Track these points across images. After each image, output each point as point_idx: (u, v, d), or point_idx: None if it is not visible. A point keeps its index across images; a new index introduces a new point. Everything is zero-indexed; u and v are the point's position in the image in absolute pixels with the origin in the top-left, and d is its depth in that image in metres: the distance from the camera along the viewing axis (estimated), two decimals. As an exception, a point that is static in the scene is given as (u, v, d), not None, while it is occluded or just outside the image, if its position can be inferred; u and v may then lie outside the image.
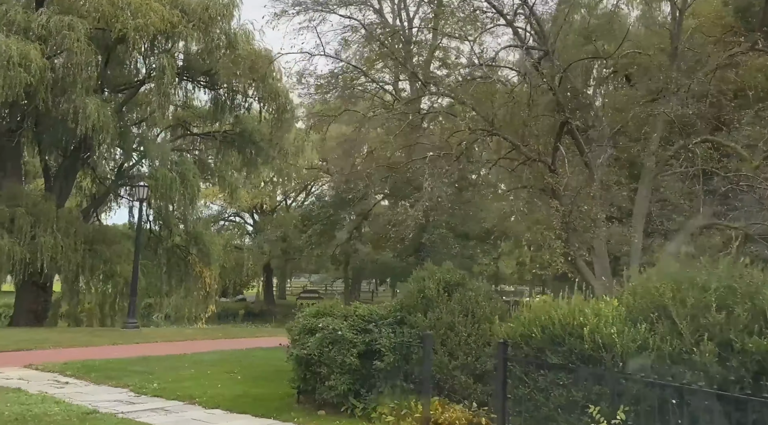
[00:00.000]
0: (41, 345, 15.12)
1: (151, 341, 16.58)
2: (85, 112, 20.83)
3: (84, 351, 14.30)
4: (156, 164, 23.90)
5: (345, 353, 7.74)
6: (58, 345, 15.08)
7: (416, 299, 8.03)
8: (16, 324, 23.28)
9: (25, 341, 15.70)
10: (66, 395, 8.89)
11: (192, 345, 15.99)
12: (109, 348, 14.94)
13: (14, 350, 14.14)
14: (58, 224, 22.23)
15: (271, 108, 26.71)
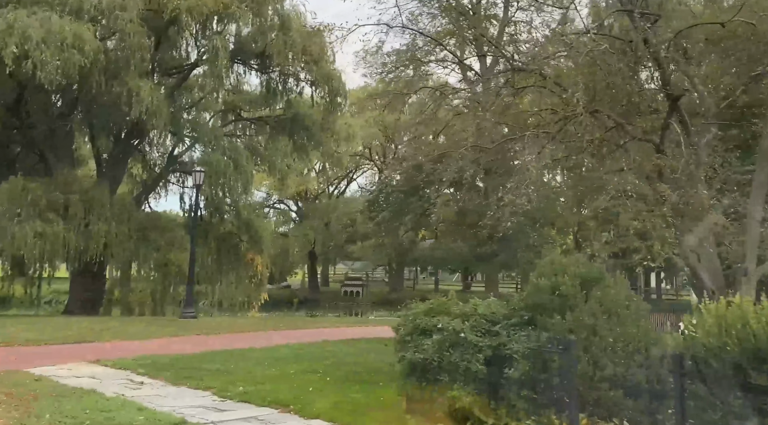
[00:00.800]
0: (101, 336, 14.39)
1: (212, 333, 15.74)
2: (139, 95, 20.04)
3: (147, 344, 13.50)
4: (209, 149, 23.04)
5: (469, 358, 6.63)
6: (119, 337, 14.33)
7: (548, 297, 6.83)
8: (70, 312, 22.81)
9: (85, 331, 15.02)
10: (145, 399, 7.98)
11: (257, 337, 15.08)
12: (172, 340, 14.12)
13: (76, 341, 13.42)
14: (111, 211, 21.61)
15: (323, 91, 25.65)
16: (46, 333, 14.35)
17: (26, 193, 19.95)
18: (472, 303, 7.50)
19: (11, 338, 13.27)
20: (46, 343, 13.02)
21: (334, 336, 15.53)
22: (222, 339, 14.69)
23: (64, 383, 8.85)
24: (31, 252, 19.26)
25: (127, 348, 12.64)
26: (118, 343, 13.46)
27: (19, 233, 18.96)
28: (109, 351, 11.96)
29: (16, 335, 13.78)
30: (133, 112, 20.02)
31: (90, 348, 12.59)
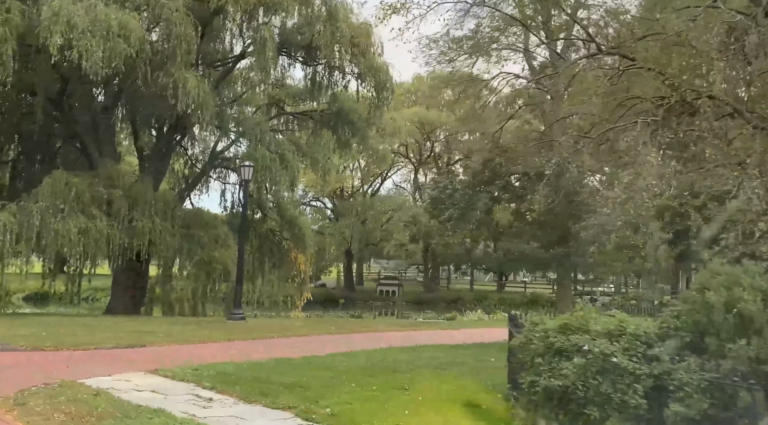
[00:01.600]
0: (152, 339, 13.41)
1: (267, 336, 14.69)
2: (185, 87, 19.12)
3: (202, 349, 12.49)
4: (254, 144, 22.02)
5: (624, 389, 5.40)
6: (171, 340, 13.33)
7: (720, 316, 5.53)
8: (113, 311, 22.05)
9: (134, 334, 14.07)
10: (219, 421, 6.89)
11: (315, 342, 14.00)
12: (227, 345, 13.08)
13: (127, 345, 12.45)
14: (155, 207, 20.74)
15: (368, 85, 24.50)
16: (95, 335, 13.43)
17: (69, 187, 19.14)
18: (615, 320, 6.22)
19: (60, 341, 12.35)
20: (96, 347, 12.06)
21: (399, 341, 14.35)
22: (278, 343, 13.63)
23: (125, 398, 7.81)
24: (75, 248, 18.45)
25: (183, 353, 11.62)
26: (171, 348, 12.46)
27: (62, 229, 18.14)
28: (165, 358, 10.93)
29: (65, 338, 12.87)
30: (179, 104, 19.11)
31: (144, 354, 11.60)
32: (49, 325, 15.15)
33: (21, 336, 12.85)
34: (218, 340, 13.71)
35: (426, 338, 15.12)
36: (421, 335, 16.07)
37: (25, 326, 14.84)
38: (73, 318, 17.94)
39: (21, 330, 13.84)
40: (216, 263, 21.60)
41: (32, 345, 11.90)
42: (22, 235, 17.73)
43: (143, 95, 22.54)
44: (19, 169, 26.01)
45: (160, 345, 12.74)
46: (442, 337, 15.39)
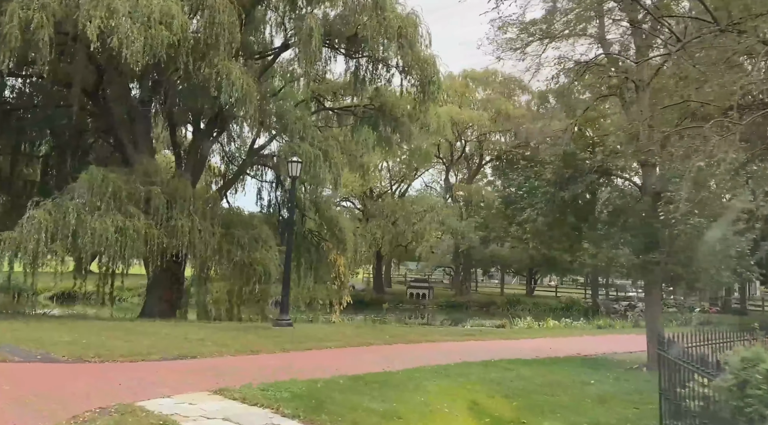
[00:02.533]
0: (200, 348, 12.14)
1: (322, 345, 13.36)
2: (229, 78, 17.86)
3: (260, 361, 11.19)
4: (297, 140, 20.70)
5: None
6: (222, 350, 12.03)
7: None
8: (148, 314, 20.87)
9: (182, 342, 12.80)
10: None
11: (376, 354, 12.65)
12: (285, 358, 11.76)
13: (177, 356, 11.19)
14: (194, 205, 19.51)
15: (414, 78, 23.07)
16: (138, 343, 12.18)
17: (106, 183, 17.96)
18: None
19: (107, 350, 11.10)
20: (144, 359, 10.81)
21: (469, 353, 12.95)
22: (338, 355, 12.28)
23: (197, 429, 6.50)
24: (113, 248, 17.25)
25: (240, 367, 10.32)
26: (225, 361, 11.17)
27: (100, 227, 16.95)
28: (224, 374, 9.62)
29: (107, 346, 11.62)
30: (222, 96, 17.87)
31: (198, 367, 10.31)
32: (87, 331, 13.94)
33: (60, 344, 11.64)
34: (273, 351, 12.39)
35: (495, 350, 13.71)
36: (486, 346, 14.65)
37: (61, 331, 13.64)
38: (109, 323, 16.72)
39: (59, 336, 12.64)
40: (257, 265, 20.31)
41: (74, 356, 10.68)
42: (57, 234, 16.55)
43: (181, 88, 21.44)
44: (50, 164, 25.02)
45: (211, 357, 11.46)
46: (511, 350, 13.97)
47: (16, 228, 16.67)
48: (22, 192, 25.03)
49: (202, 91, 18.98)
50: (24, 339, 12.00)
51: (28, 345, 11.43)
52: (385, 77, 23.48)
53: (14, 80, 21.66)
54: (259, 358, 11.56)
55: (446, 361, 11.61)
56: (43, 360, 10.28)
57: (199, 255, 19.28)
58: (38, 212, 16.52)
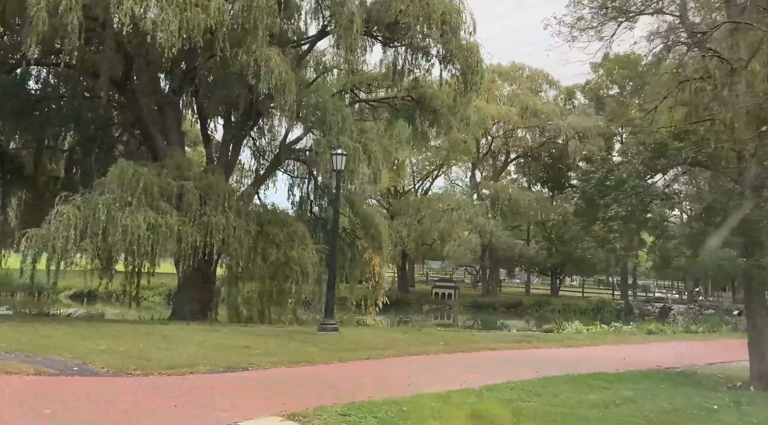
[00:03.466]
0: (249, 358, 10.91)
1: (379, 355, 12.07)
2: (268, 66, 16.63)
3: (320, 373, 9.93)
4: (336, 133, 19.39)
5: None
6: (272, 360, 10.76)
7: None
8: (179, 316, 19.74)
9: (225, 349, 11.59)
10: None
11: (440, 363, 11.34)
12: (346, 369, 10.51)
13: (227, 368, 9.94)
14: (228, 202, 18.31)
15: (455, 68, 21.71)
16: (183, 352, 10.96)
17: (137, 178, 16.79)
18: None
19: (148, 360, 9.88)
20: (192, 371, 9.55)
21: (543, 365, 11.62)
22: (403, 366, 10.99)
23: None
24: (144, 246, 16.07)
25: (302, 382, 9.06)
26: (283, 373, 9.91)
27: (131, 224, 15.77)
28: (287, 389, 8.38)
29: (152, 355, 10.40)
30: (261, 85, 16.66)
31: (255, 381, 9.06)
32: (122, 336, 12.75)
33: (96, 353, 10.43)
34: (329, 361, 11.12)
35: (564, 360, 12.44)
36: (551, 356, 13.39)
37: (94, 337, 12.46)
38: (141, 327, 15.51)
39: (93, 344, 11.46)
40: (293, 264, 19.07)
41: (114, 367, 9.45)
42: (87, 231, 15.38)
43: (214, 77, 20.25)
44: (75, 159, 23.94)
45: (264, 368, 10.20)
46: (582, 360, 12.65)
47: (42, 224, 15.54)
48: (45, 188, 23.99)
49: (238, 79, 17.81)
50: (57, 346, 10.82)
51: (62, 354, 10.24)
52: (424, 67, 22.17)
53: (38, 70, 20.53)
54: (317, 370, 10.30)
55: (522, 375, 10.29)
56: (81, 373, 9.07)
57: (234, 254, 18.04)
58: (67, 208, 15.36)
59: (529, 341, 16.05)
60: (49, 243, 15.05)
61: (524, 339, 16.16)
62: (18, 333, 12.11)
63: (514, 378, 9.96)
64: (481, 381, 9.58)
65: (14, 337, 11.54)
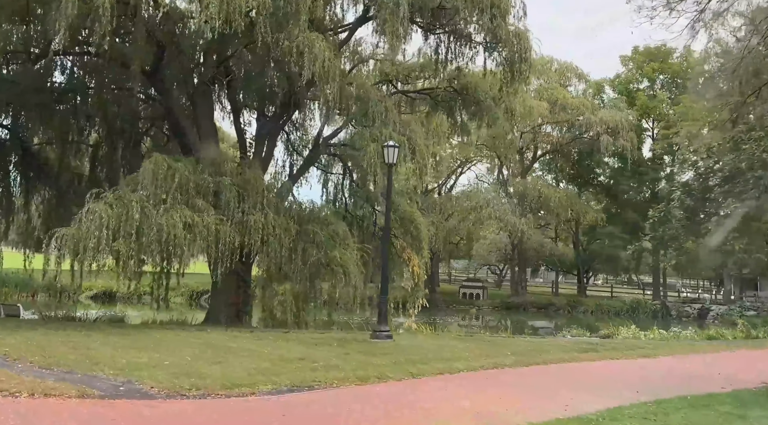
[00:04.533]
0: (314, 373, 9.67)
1: (451, 369, 10.72)
2: (312, 52, 15.34)
3: (399, 391, 8.64)
4: (378, 124, 18.07)
5: None
6: (340, 375, 9.46)
7: None
8: (214, 320, 18.54)
9: (282, 363, 10.32)
10: None
11: (527, 379, 10.02)
12: (424, 387, 9.20)
13: (291, 386, 8.69)
14: (267, 199, 17.08)
15: (501, 56, 20.31)
16: (236, 367, 9.70)
17: (172, 173, 15.59)
18: None
19: (201, 377, 8.63)
20: (252, 390, 8.30)
21: (638, 382, 10.28)
22: (485, 383, 9.69)
23: None
24: (181, 246, 14.87)
25: (382, 405, 7.77)
26: (355, 393, 8.64)
27: (166, 223, 14.56)
28: (374, 417, 7.09)
29: (203, 371, 9.14)
30: (304, 72, 15.37)
31: (332, 406, 7.78)
32: (163, 346, 11.53)
33: (142, 368, 9.20)
34: (400, 377, 9.79)
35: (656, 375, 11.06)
36: (638, 369, 12.01)
37: (133, 346, 11.25)
38: (180, 334, 14.22)
39: (135, 356, 10.24)
40: (335, 265, 17.80)
41: (165, 386, 8.21)
42: (119, 231, 14.17)
43: (248, 68, 19.04)
44: (100, 155, 22.81)
45: (332, 386, 8.94)
46: (674, 375, 11.30)
47: (72, 223, 14.37)
48: (69, 186, 22.91)
49: (277, 68, 16.55)
50: (96, 359, 9.60)
51: (104, 369, 9.02)
52: (467, 55, 20.80)
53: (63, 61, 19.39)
54: (392, 390, 8.99)
55: (625, 396, 8.93)
56: (129, 394, 7.83)
57: (274, 255, 16.77)
58: (99, 205, 14.15)
59: (597, 350, 14.67)
60: (80, 244, 13.85)
61: (591, 348, 14.78)
62: (52, 344, 10.93)
63: (618, 399, 8.63)
64: (587, 403, 8.26)
65: (49, 349, 10.35)
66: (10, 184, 23.11)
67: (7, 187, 22.98)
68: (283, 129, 21.31)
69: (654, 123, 47.91)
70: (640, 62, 47.56)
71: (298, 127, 23.22)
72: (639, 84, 48.84)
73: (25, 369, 8.92)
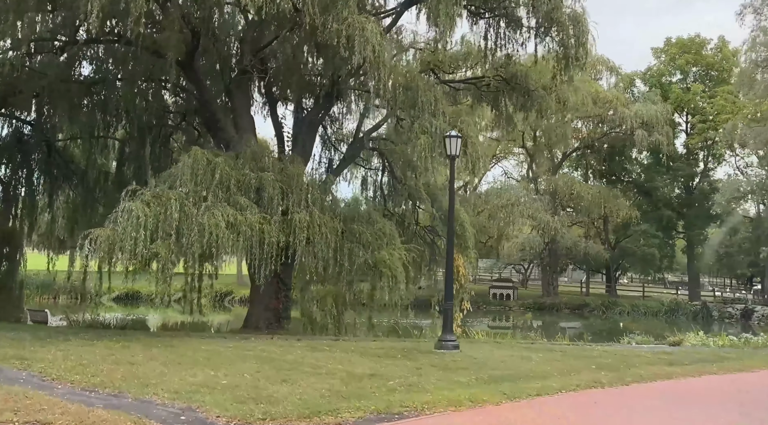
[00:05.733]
0: (394, 395, 8.31)
1: (549, 388, 9.27)
2: (363, 35, 13.99)
3: (514, 421, 7.26)
4: (427, 116, 16.68)
5: None
6: (428, 399, 8.05)
7: None
8: (254, 326, 17.34)
9: (355, 382, 8.97)
10: None
11: (642, 401, 8.62)
12: (539, 416, 7.80)
13: (376, 414, 7.33)
14: (312, 195, 15.76)
15: (554, 41, 18.84)
16: (302, 386, 8.36)
17: (212, 169, 14.32)
18: None
19: (270, 402, 7.30)
20: (338, 420, 6.97)
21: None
22: (606, 407, 8.29)
23: None
24: (224, 248, 13.60)
25: None
26: (454, 420, 7.27)
27: (208, 223, 13.27)
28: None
29: (270, 393, 7.83)
30: (354, 57, 14.03)
31: None
32: (214, 360, 10.23)
33: (199, 390, 7.91)
34: (496, 400, 8.35)
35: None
36: (754, 389, 10.47)
37: (181, 361, 9.97)
38: (228, 344, 12.84)
39: (187, 373, 8.95)
40: (383, 266, 16.45)
41: (234, 415, 6.89)
42: (158, 231, 12.89)
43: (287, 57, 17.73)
44: (128, 153, 21.63)
45: (425, 413, 7.56)
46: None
47: (106, 223, 13.12)
48: (95, 185, 21.79)
49: (323, 53, 15.23)
50: (145, 379, 8.32)
51: (157, 391, 7.73)
52: (518, 41, 19.37)
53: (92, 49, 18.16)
54: (502, 418, 7.62)
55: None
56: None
57: (321, 256, 15.42)
58: (135, 204, 12.85)
59: (684, 362, 13.12)
60: (116, 246, 12.59)
61: (677, 361, 13.17)
62: (92, 359, 9.65)
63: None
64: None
65: (90, 365, 9.08)
66: (33, 183, 22.03)
67: (30, 186, 21.90)
68: (322, 122, 19.98)
69: (687, 117, 46.12)
70: (673, 54, 45.77)
71: (334, 121, 21.92)
72: (671, 76, 47.03)
73: (67, 392, 7.66)
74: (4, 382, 7.89)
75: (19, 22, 15.27)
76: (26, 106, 19.62)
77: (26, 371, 8.79)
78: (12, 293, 21.31)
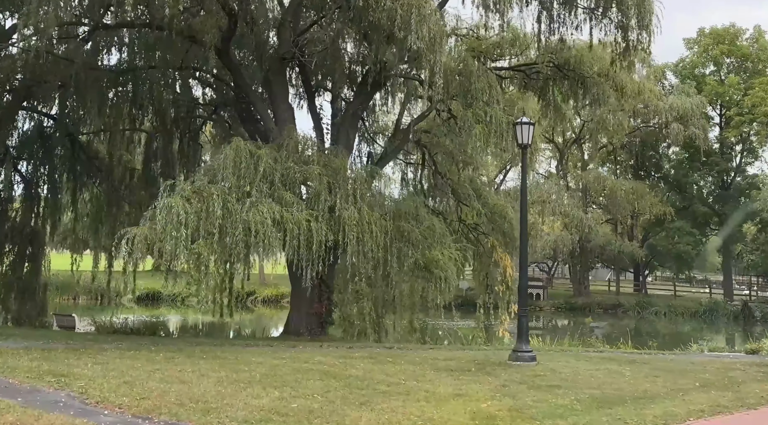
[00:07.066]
0: (500, 420, 7.00)
1: (675, 415, 7.90)
2: (420, 13, 12.67)
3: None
4: (481, 104, 15.34)
5: None
6: (541, 422, 6.80)
7: None
8: (295, 332, 16.16)
9: (442, 403, 7.68)
10: None
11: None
12: None
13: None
14: (360, 191, 14.47)
15: (612, 24, 17.42)
16: (396, 415, 7.08)
17: (255, 162, 13.07)
18: None
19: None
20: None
21: None
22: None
23: None
24: (272, 247, 12.36)
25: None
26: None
27: (254, 220, 12.02)
28: None
29: (352, 421, 6.56)
30: (410, 38, 12.68)
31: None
32: (272, 376, 8.96)
33: (270, 417, 6.64)
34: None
35: None
36: None
37: (238, 379, 8.70)
38: (279, 354, 11.55)
39: (248, 393, 7.70)
40: (434, 267, 15.15)
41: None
42: (199, 230, 11.64)
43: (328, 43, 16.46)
44: (155, 148, 20.46)
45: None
46: None
47: (141, 221, 11.93)
48: (121, 182, 20.63)
49: (370, 37, 13.90)
50: (204, 403, 7.06)
51: (223, 420, 6.48)
52: (572, 23, 17.94)
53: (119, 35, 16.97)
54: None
55: None
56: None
57: (371, 256, 14.11)
58: (174, 200, 11.62)
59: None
60: (155, 246, 11.38)
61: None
62: (136, 375, 8.42)
63: None
64: None
65: (136, 384, 7.84)
66: (56, 180, 20.91)
67: (53, 183, 20.78)
68: (362, 113, 18.69)
69: (721, 109, 44.37)
70: (706, 45, 44.01)
71: (370, 112, 20.63)
72: (705, 68, 45.29)
73: (117, 421, 6.42)
74: (42, 407, 6.70)
75: (44, 6, 14.08)
76: (49, 98, 18.49)
77: (64, 390, 7.59)
78: (35, 295, 20.23)
